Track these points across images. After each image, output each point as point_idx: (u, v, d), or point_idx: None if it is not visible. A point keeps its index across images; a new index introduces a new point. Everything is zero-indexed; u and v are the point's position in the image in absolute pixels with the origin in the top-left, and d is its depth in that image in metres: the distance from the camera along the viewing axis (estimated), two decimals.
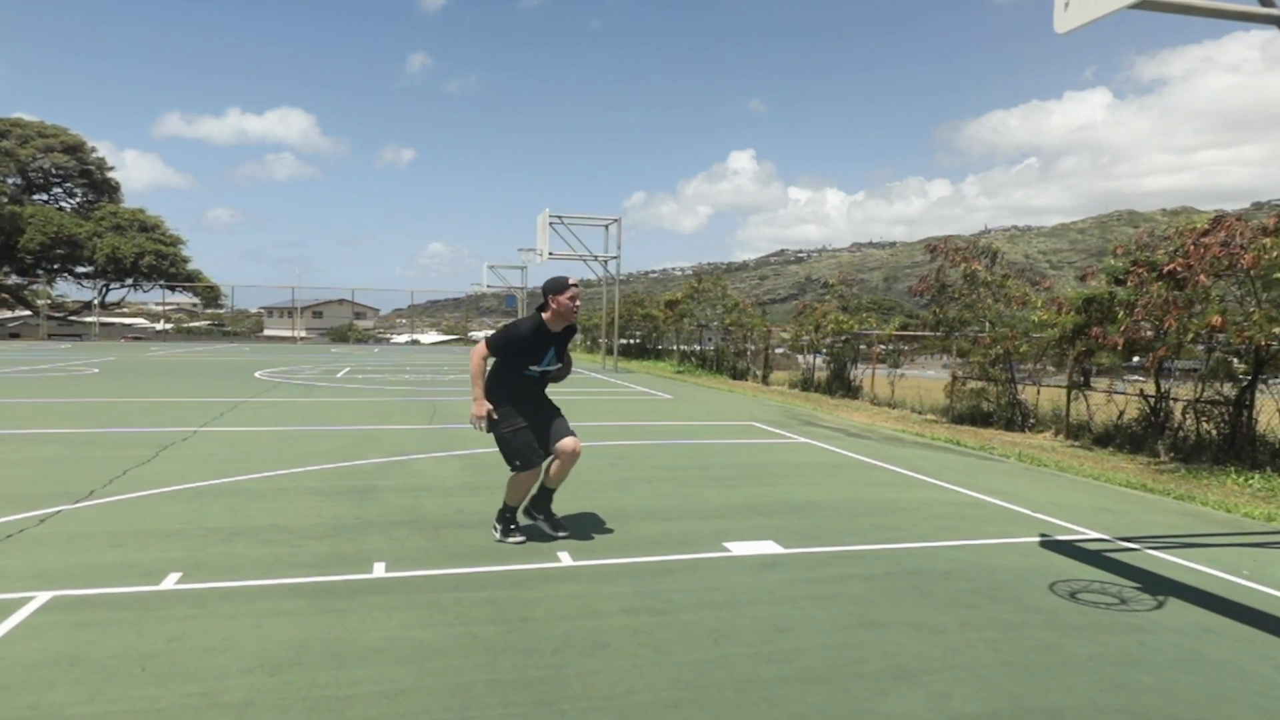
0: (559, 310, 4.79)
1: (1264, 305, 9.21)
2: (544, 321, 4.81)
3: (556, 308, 4.79)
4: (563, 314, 4.80)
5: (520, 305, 45.61)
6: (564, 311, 4.80)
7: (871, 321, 19.76)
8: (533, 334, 4.80)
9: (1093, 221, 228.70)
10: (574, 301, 4.81)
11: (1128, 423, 11.32)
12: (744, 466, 8.03)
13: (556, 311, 4.80)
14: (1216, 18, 4.25)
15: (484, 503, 6.13)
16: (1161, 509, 6.67)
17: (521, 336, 4.78)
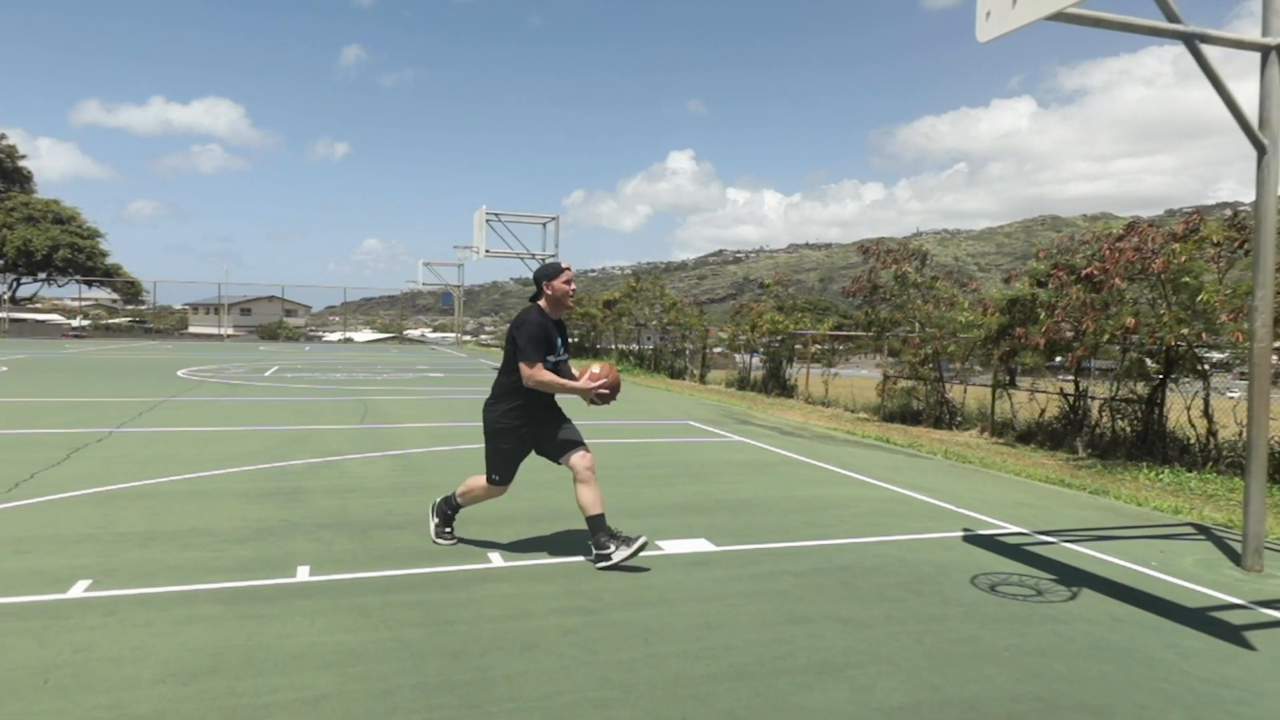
0: (555, 296, 4.61)
1: (1173, 308, 9.64)
2: (543, 310, 4.63)
3: (552, 293, 4.61)
4: (559, 299, 4.62)
5: (457, 303, 45.04)
6: (560, 296, 4.62)
7: (806, 321, 20.07)
8: (546, 321, 4.59)
9: (1018, 225, 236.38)
10: (569, 285, 4.64)
11: (1049, 420, 11.72)
12: (680, 465, 8.07)
13: (553, 298, 4.61)
14: (1127, 31, 4.42)
15: (414, 503, 6.03)
16: (1078, 503, 6.92)
17: (542, 325, 4.54)
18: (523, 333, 4.47)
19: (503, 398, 4.63)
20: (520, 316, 4.59)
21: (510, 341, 4.58)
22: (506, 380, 4.61)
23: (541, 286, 4.63)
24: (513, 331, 4.56)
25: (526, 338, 4.46)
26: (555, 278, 4.60)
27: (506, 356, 4.65)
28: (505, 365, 4.64)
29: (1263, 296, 4.78)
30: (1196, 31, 4.50)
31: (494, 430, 4.67)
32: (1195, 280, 9.32)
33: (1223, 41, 4.57)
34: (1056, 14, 4.03)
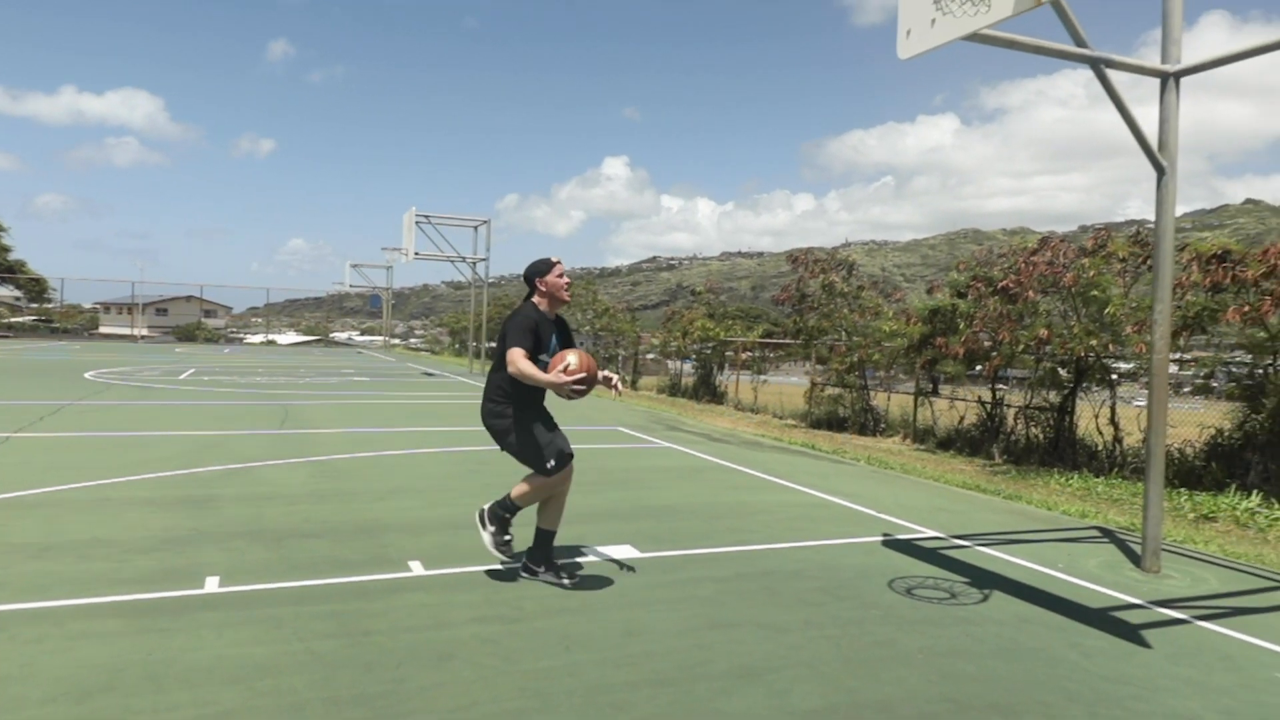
0: (550, 291, 4.45)
1: (1083, 320, 10.06)
2: (539, 308, 4.47)
3: (547, 289, 4.45)
4: (555, 294, 4.46)
5: (385, 306, 44.18)
6: (555, 291, 4.45)
7: (737, 329, 20.31)
8: (539, 317, 4.43)
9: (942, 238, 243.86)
10: (563, 279, 4.49)
11: (967, 428, 12.10)
12: (607, 471, 8.05)
13: (547, 294, 4.46)
14: (1039, 54, 4.59)
15: (332, 511, 5.87)
16: (992, 508, 7.15)
17: (533, 318, 4.37)
18: (512, 324, 4.34)
19: (496, 397, 4.43)
20: (514, 313, 4.44)
21: (500, 338, 4.41)
22: (496, 377, 4.43)
23: (534, 284, 4.47)
24: (504, 326, 4.40)
25: (514, 327, 4.31)
26: (548, 273, 4.44)
27: (497, 355, 4.46)
28: (496, 362, 4.44)
29: (1161, 310, 5.02)
30: (1102, 57, 4.70)
31: (500, 428, 4.43)
32: (1103, 294, 9.75)
33: (1125, 67, 4.79)
34: (972, 35, 4.17)
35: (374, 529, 5.43)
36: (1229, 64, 4.94)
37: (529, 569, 4.55)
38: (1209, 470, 8.67)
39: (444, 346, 46.60)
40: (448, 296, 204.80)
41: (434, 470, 7.77)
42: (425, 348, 51.45)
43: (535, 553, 4.58)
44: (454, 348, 42.20)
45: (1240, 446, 8.69)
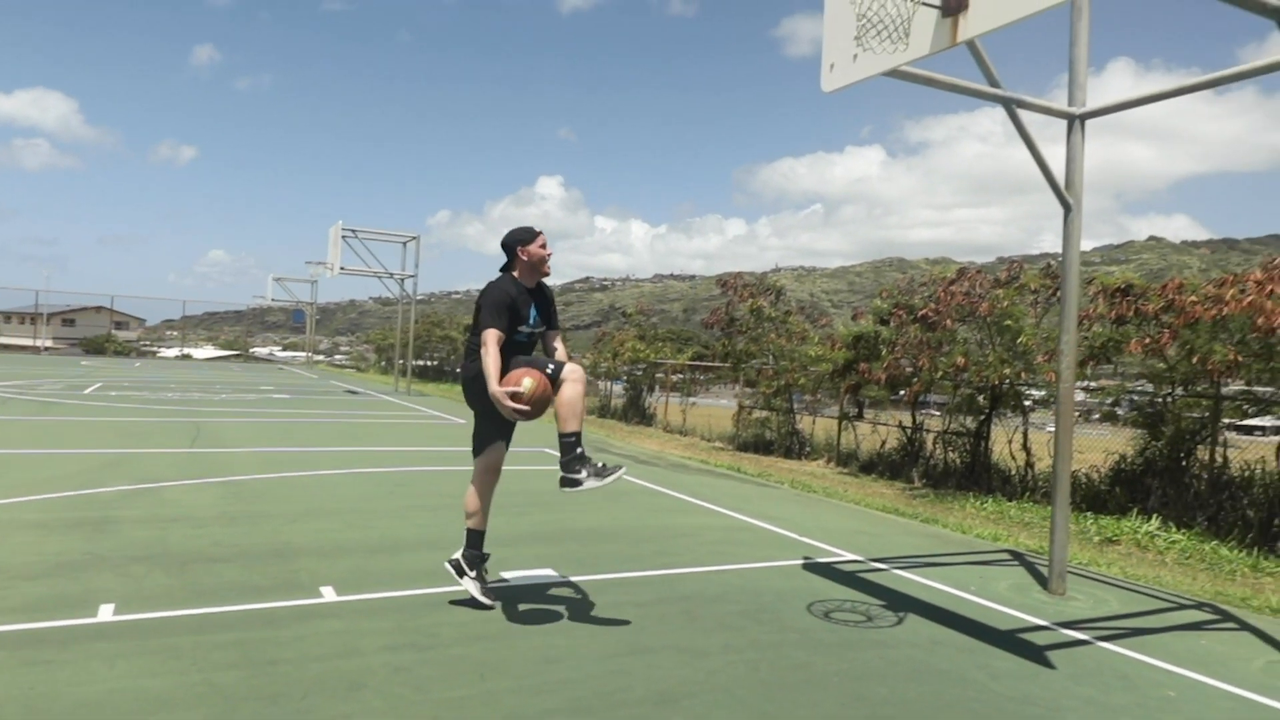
0: (531, 261, 4.28)
1: (997, 349, 10.42)
2: (516, 279, 4.31)
3: (527, 259, 4.27)
4: (535, 264, 4.29)
5: (309, 321, 43.05)
6: (536, 261, 4.29)
7: (667, 351, 20.42)
8: (516, 290, 4.26)
9: (868, 266, 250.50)
10: (545, 250, 4.33)
11: (889, 451, 12.37)
12: (532, 494, 7.95)
13: (528, 263, 4.28)
14: (954, 92, 4.77)
15: (242, 534, 5.65)
16: (910, 531, 7.31)
17: (509, 293, 4.21)
18: (486, 299, 4.17)
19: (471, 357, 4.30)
20: (492, 283, 4.27)
21: (476, 310, 4.28)
22: (475, 341, 4.27)
23: (515, 252, 4.30)
24: (479, 299, 4.26)
25: (489, 303, 4.15)
26: (530, 242, 4.28)
27: (472, 323, 4.37)
28: (471, 328, 4.38)
29: (1068, 341, 5.23)
30: (1013, 97, 4.91)
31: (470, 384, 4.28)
32: (1016, 324, 10.12)
33: (1034, 108, 5.01)
34: (892, 71, 4.30)
35: (285, 553, 5.24)
36: (1130, 108, 5.22)
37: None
38: (1113, 495, 9.04)
39: (370, 364, 45.61)
40: (375, 313, 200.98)
41: (352, 492, 7.56)
42: (350, 365, 50.26)
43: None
44: (380, 365, 41.32)
45: (1142, 472, 9.08)
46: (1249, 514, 7.77)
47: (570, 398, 4.09)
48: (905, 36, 3.86)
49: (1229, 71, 4.48)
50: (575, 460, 4.09)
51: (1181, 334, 8.12)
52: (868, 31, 3.87)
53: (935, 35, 3.85)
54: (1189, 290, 8.29)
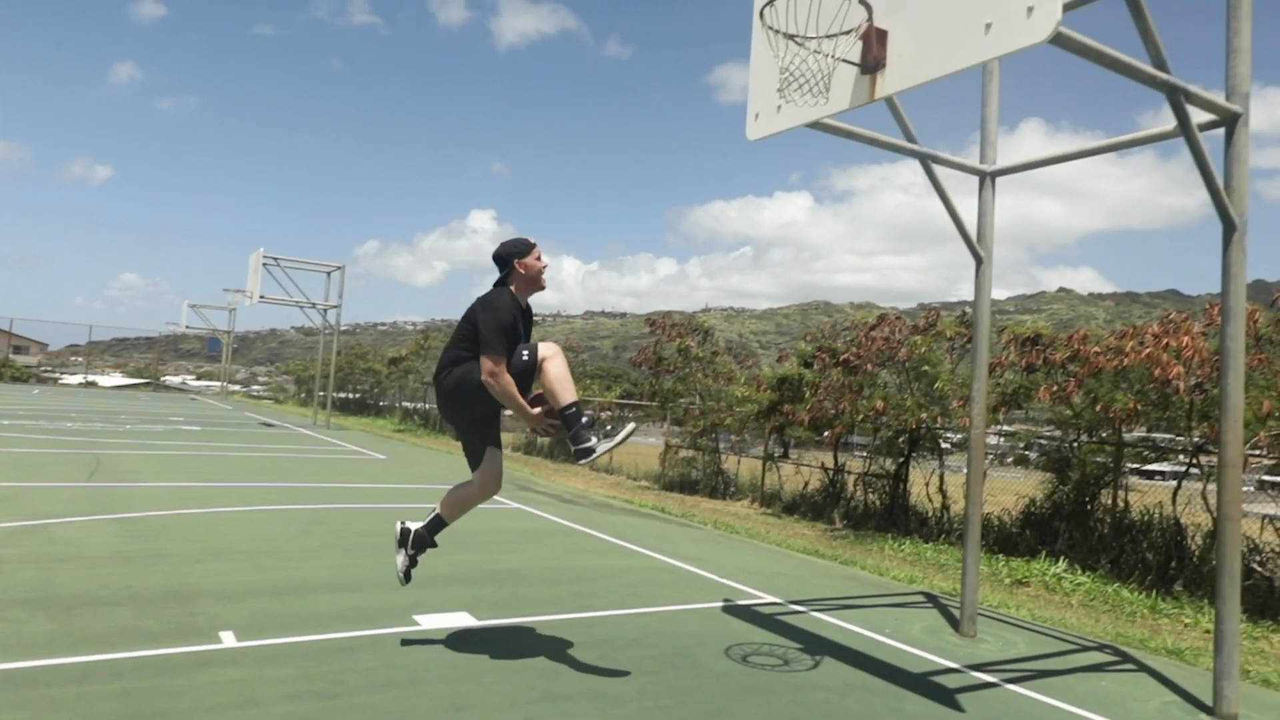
0: (529, 275, 4.06)
1: (915, 393, 10.72)
2: (514, 294, 4.08)
3: (525, 272, 4.05)
4: (533, 279, 4.08)
5: (225, 350, 41.61)
6: (534, 276, 4.07)
7: (595, 389, 20.37)
8: (517, 308, 4.04)
9: (795, 308, 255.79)
10: (542, 261, 4.13)
11: (811, 492, 12.53)
12: (450, 533, 7.71)
13: (525, 277, 4.06)
14: (873, 145, 4.93)
15: (138, 575, 5.35)
16: (829, 573, 7.38)
17: (514, 312, 3.97)
18: (491, 317, 3.83)
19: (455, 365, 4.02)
20: (489, 297, 4.00)
21: (469, 322, 3.98)
22: (463, 353, 4.00)
23: (513, 265, 4.05)
24: (477, 312, 3.94)
25: (495, 325, 3.81)
26: (528, 254, 4.06)
27: (459, 335, 4.05)
28: (458, 340, 4.04)
29: (979, 389, 5.41)
30: (929, 153, 5.11)
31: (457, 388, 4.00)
32: (933, 369, 10.44)
33: (948, 163, 5.22)
34: (814, 123, 4.43)
35: (184, 595, 4.98)
36: (1037, 168, 5.49)
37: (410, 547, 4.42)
38: (1024, 537, 9.32)
39: (289, 395, 44.24)
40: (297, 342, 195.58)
41: (261, 530, 7.26)
42: (268, 396, 48.65)
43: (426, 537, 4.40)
44: (299, 397, 40.13)
45: (1050, 515, 9.40)
46: (1148, 557, 8.10)
47: (557, 373, 3.92)
48: (826, 91, 3.98)
49: (1125, 138, 4.76)
50: (582, 429, 3.94)
51: (1086, 383, 8.49)
52: (790, 84, 3.98)
53: (855, 91, 3.98)
54: (1093, 341, 8.69)
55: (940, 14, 3.59)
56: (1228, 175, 4.15)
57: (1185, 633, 6.19)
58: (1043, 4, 3.12)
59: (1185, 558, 7.91)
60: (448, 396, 4.11)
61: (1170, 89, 3.75)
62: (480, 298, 4.06)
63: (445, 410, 4.21)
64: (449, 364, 4.09)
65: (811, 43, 3.92)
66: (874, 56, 3.83)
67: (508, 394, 3.87)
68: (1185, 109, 3.84)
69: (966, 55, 3.44)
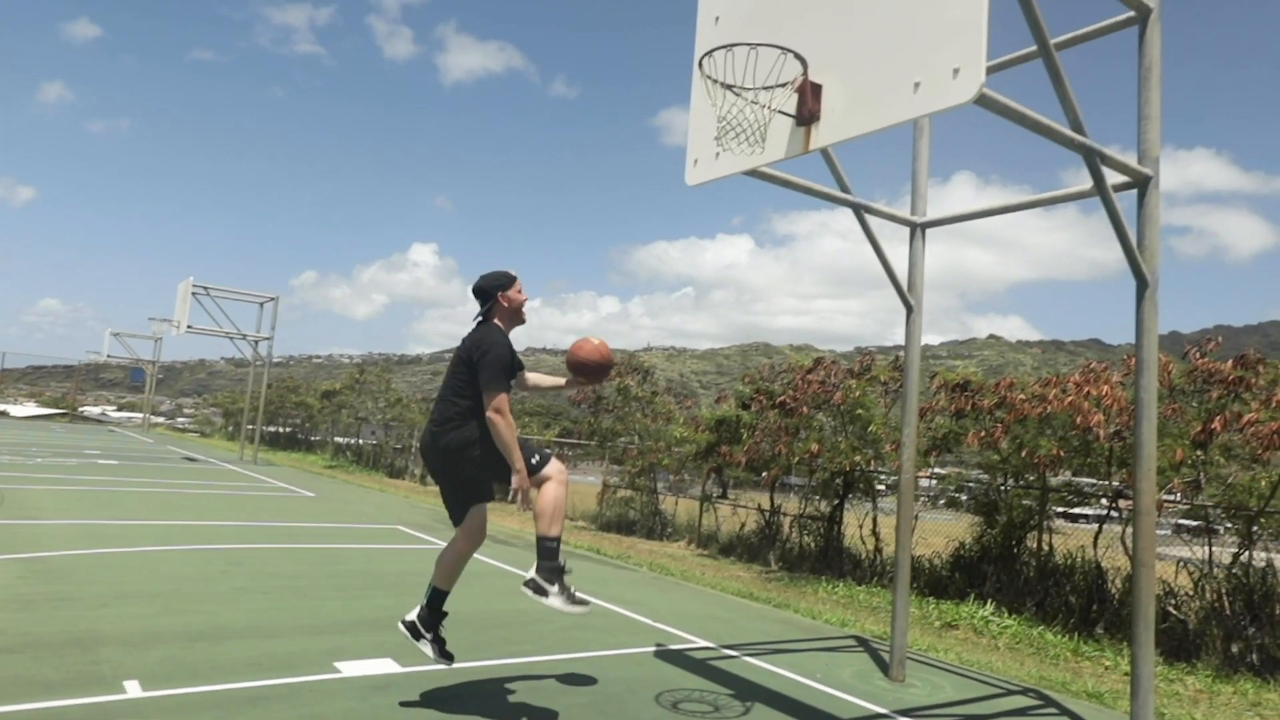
0: (511, 308, 3.98)
1: (849, 437, 10.88)
2: (502, 329, 3.98)
3: (509, 305, 3.97)
4: (515, 311, 4.01)
5: (149, 380, 40.12)
6: (517, 308, 4.00)
7: (533, 427, 20.20)
8: (509, 341, 3.93)
9: (736, 349, 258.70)
10: (523, 295, 4.05)
11: (748, 534, 12.55)
12: (378, 575, 7.55)
13: (509, 310, 3.98)
14: (808, 194, 5.05)
15: (38, 620, 5.05)
16: (763, 616, 7.36)
17: (507, 344, 3.86)
18: (490, 355, 3.75)
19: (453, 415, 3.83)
20: (480, 336, 3.88)
21: (465, 365, 3.83)
22: (463, 403, 3.82)
23: (496, 299, 3.97)
24: (470, 354, 3.82)
25: (494, 361, 3.73)
26: (510, 287, 3.98)
27: (456, 381, 3.87)
28: (455, 388, 3.86)
29: (909, 434, 5.50)
30: (862, 203, 5.24)
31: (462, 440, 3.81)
32: (867, 413, 10.62)
33: (880, 214, 5.37)
34: (751, 171, 4.51)
35: (87, 641, 4.71)
36: (965, 220, 5.67)
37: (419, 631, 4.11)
38: (954, 580, 9.46)
39: (215, 429, 42.78)
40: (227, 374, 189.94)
41: (176, 571, 6.94)
42: (194, 429, 46.98)
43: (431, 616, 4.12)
44: (227, 431, 38.84)
45: (979, 558, 9.58)
46: (1071, 600, 8.30)
47: (553, 499, 3.84)
48: (762, 141, 4.06)
49: (1046, 195, 4.96)
50: (554, 571, 3.84)
51: (1013, 429, 8.72)
52: (727, 133, 4.05)
53: (790, 142, 4.07)
54: (1019, 388, 8.95)
55: (872, 71, 3.70)
56: (1140, 234, 4.35)
57: (1105, 675, 6.33)
58: (968, 66, 3.25)
59: (1106, 600, 8.13)
60: (448, 454, 3.89)
61: (1087, 151, 3.92)
62: (472, 339, 3.94)
63: (441, 466, 3.97)
64: (450, 418, 3.88)
65: (749, 93, 4.00)
66: (809, 109, 3.93)
67: (508, 437, 3.72)
68: (1101, 170, 4.02)
69: (896, 112, 3.55)
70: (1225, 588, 7.28)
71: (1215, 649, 6.95)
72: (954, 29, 3.32)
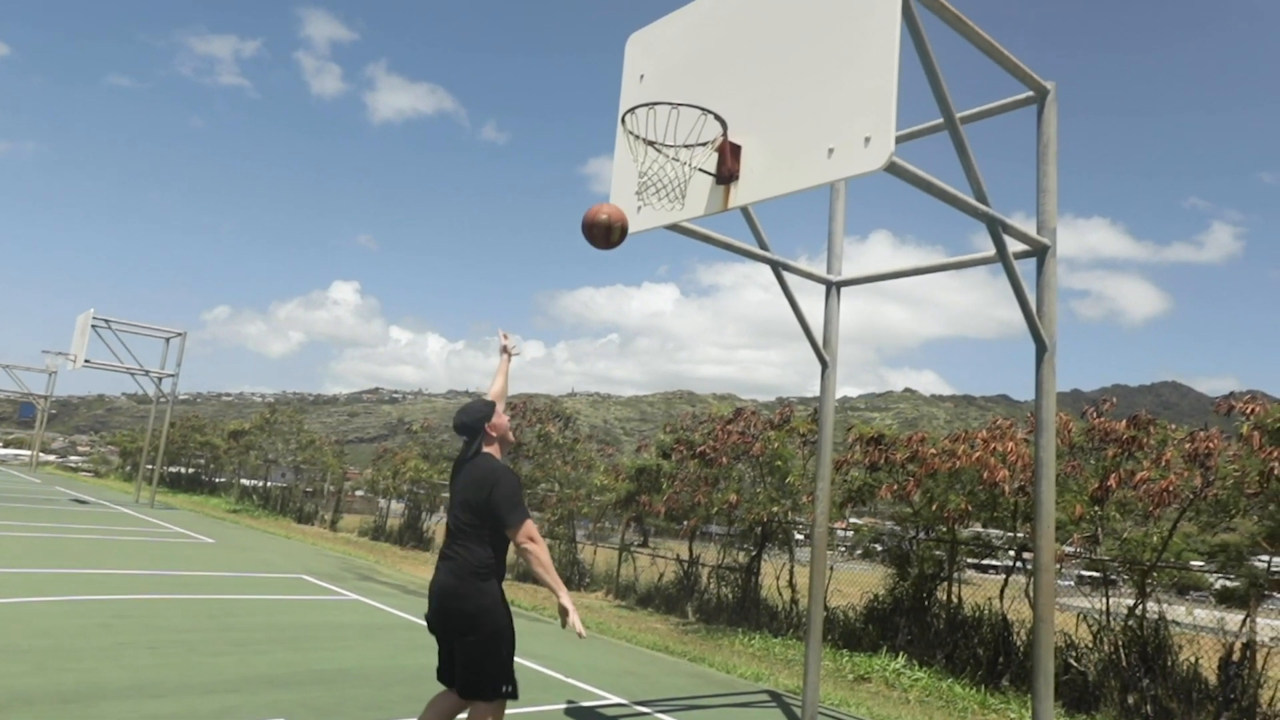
0: (501, 435, 3.81)
1: (768, 487, 10.97)
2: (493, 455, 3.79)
3: (498, 434, 3.79)
4: (504, 436, 3.84)
5: (40, 416, 37.85)
6: (505, 433, 3.84)
7: (449, 473, 19.78)
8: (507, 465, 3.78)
9: (660, 396, 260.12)
10: (505, 417, 3.90)
11: (666, 584, 12.45)
12: (277, 628, 7.18)
13: (499, 439, 3.81)
14: (728, 250, 5.13)
15: None
16: (678, 671, 7.27)
17: (510, 469, 3.71)
18: (504, 490, 3.56)
19: (480, 571, 3.54)
20: (480, 473, 3.65)
21: (468, 509, 3.58)
22: (483, 553, 3.55)
23: (484, 431, 3.75)
24: (474, 494, 3.59)
25: (510, 493, 3.56)
26: (492, 414, 3.81)
27: (470, 527, 3.58)
28: (474, 535, 3.57)
29: (823, 487, 5.57)
30: (780, 260, 5.36)
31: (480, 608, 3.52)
32: (785, 465, 10.74)
33: (798, 272, 5.49)
34: (672, 226, 4.57)
35: None
36: (878, 281, 5.85)
37: None
38: (867, 632, 9.55)
39: (111, 468, 40.53)
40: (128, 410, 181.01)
41: (53, 624, 6.46)
42: (88, 468, 44.40)
43: None
44: (124, 471, 36.85)
45: (891, 610, 9.70)
46: (979, 652, 8.45)
47: None
48: (682, 197, 4.12)
49: (954, 260, 5.17)
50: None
51: (924, 482, 8.93)
52: (649, 188, 4.10)
53: (710, 199, 4.14)
54: (930, 443, 9.20)
55: (789, 135, 3.81)
56: (1039, 300, 4.55)
57: None
58: (878, 135, 3.37)
59: (1012, 653, 8.31)
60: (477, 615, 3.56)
61: (990, 220, 4.10)
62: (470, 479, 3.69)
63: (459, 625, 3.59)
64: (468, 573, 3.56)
65: (670, 150, 4.06)
66: (728, 169, 4.01)
67: (547, 560, 3.57)
68: (1003, 238, 4.21)
69: (811, 175, 3.66)
70: (1122, 640, 7.54)
71: (1113, 700, 7.17)
72: (866, 99, 3.45)
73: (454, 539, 3.63)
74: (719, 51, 4.28)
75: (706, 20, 4.43)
